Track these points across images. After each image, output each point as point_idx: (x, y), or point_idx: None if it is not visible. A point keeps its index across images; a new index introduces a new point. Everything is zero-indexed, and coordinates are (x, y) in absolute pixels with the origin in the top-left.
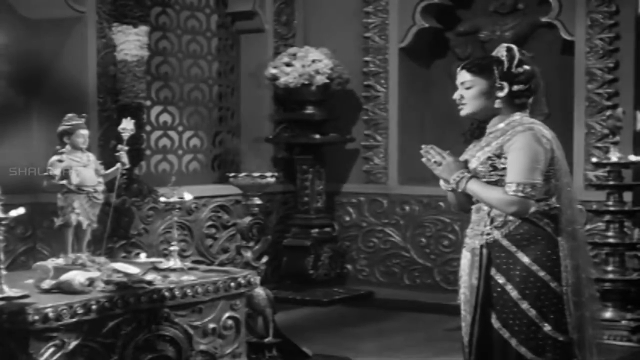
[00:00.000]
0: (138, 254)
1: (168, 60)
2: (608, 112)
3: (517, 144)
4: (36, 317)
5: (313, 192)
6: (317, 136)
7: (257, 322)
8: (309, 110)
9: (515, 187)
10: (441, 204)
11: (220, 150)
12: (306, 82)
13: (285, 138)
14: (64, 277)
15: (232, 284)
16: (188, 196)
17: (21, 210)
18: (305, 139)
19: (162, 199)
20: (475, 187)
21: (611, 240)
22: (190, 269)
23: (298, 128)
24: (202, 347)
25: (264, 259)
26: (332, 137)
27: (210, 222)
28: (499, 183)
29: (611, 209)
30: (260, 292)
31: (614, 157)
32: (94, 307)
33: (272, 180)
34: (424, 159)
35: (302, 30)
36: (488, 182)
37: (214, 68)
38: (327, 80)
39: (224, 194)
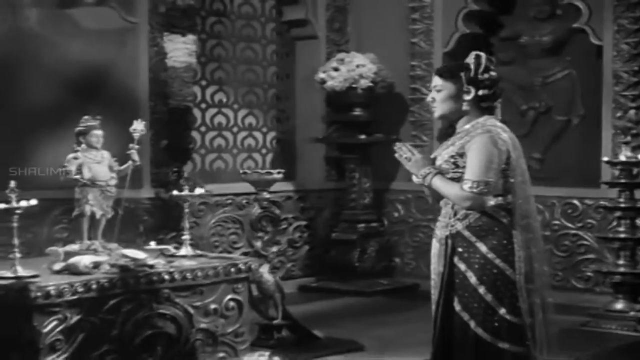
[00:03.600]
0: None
1: (223, 66)
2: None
3: (474, 145)
4: (39, 294)
5: (360, 189)
6: (363, 136)
7: (267, 305)
8: (356, 112)
9: (471, 184)
10: None
11: (275, 150)
12: (351, 86)
13: (335, 138)
14: (72, 260)
15: (233, 269)
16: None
17: (33, 202)
18: (352, 139)
19: (175, 192)
20: (438, 183)
21: (622, 235)
22: (200, 255)
23: (346, 129)
24: (202, 325)
25: (274, 249)
26: (377, 137)
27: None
28: (461, 180)
29: (622, 205)
30: (269, 278)
31: (623, 156)
32: (94, 286)
33: (279, 176)
34: (396, 155)
35: (356, 36)
36: (452, 179)
37: (269, 73)
38: (371, 84)
39: (275, 190)
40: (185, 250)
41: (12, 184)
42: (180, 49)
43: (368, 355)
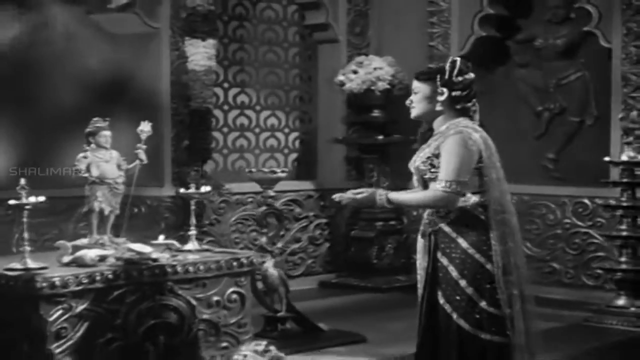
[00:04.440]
0: (209, 242)
1: (245, 69)
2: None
3: (447, 145)
4: (44, 284)
5: (378, 188)
6: (380, 137)
7: (272, 298)
8: (374, 113)
9: (444, 183)
10: None
11: (297, 150)
12: (369, 88)
13: (354, 139)
14: (79, 253)
15: (235, 263)
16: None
17: (41, 198)
18: (370, 139)
19: (181, 190)
20: (398, 197)
21: (624, 234)
22: (206, 250)
23: (365, 130)
24: (205, 316)
25: (279, 244)
26: (395, 138)
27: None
28: (437, 179)
29: (624, 204)
30: (273, 272)
31: (626, 156)
32: (98, 278)
33: (283, 175)
34: (343, 203)
35: (376, 40)
36: (429, 179)
37: (291, 75)
38: (388, 86)
39: (296, 189)
40: (192, 245)
41: (22, 181)
42: (201, 53)
43: (369, 347)
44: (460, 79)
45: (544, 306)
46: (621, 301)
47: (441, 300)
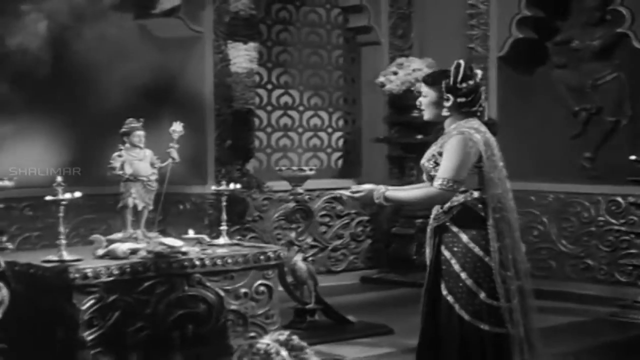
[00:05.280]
0: (252, 237)
1: (289, 71)
2: None
3: (447, 145)
4: (77, 275)
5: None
6: (419, 136)
7: (301, 291)
8: (414, 113)
9: (441, 181)
10: (532, 198)
11: (341, 149)
12: (409, 89)
13: (395, 138)
14: (112, 246)
15: (262, 257)
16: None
17: (77, 194)
18: (409, 138)
19: (213, 187)
20: (395, 195)
21: None
22: (235, 244)
23: (406, 129)
24: (233, 307)
25: (306, 238)
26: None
27: (324, 212)
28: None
29: None
30: (302, 266)
31: None
32: (128, 269)
33: (311, 172)
34: (345, 200)
35: (419, 42)
36: (434, 176)
37: (334, 77)
38: None
39: (338, 187)
40: (223, 239)
41: (59, 179)
42: (242, 56)
43: (394, 338)
44: (464, 85)
45: (578, 302)
46: None
47: (444, 292)
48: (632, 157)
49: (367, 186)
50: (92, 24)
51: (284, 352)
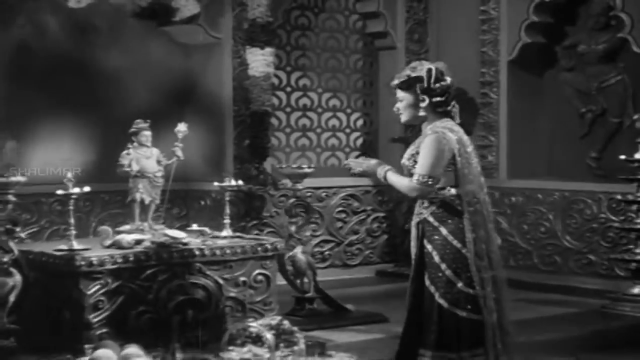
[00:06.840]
0: (269, 232)
1: (307, 74)
2: None
3: (423, 144)
4: (83, 263)
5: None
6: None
7: (302, 281)
8: None
9: (418, 177)
10: (539, 195)
11: (359, 149)
12: None
13: (410, 138)
14: (118, 237)
15: (260, 248)
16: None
17: (87, 188)
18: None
19: (216, 183)
20: (392, 178)
21: (638, 226)
22: (237, 237)
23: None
24: (232, 294)
25: (307, 232)
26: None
27: (340, 208)
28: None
29: (639, 199)
30: (301, 257)
31: (639, 154)
32: (131, 258)
33: (309, 170)
34: (351, 171)
35: (435, 46)
36: (413, 174)
37: (352, 80)
38: None
39: (355, 185)
40: (225, 232)
41: (69, 174)
42: (259, 60)
43: (387, 326)
44: (437, 85)
45: (578, 295)
46: (636, 289)
47: (427, 282)
48: (622, 157)
49: (375, 160)
50: (117, 31)
51: (268, 335)
